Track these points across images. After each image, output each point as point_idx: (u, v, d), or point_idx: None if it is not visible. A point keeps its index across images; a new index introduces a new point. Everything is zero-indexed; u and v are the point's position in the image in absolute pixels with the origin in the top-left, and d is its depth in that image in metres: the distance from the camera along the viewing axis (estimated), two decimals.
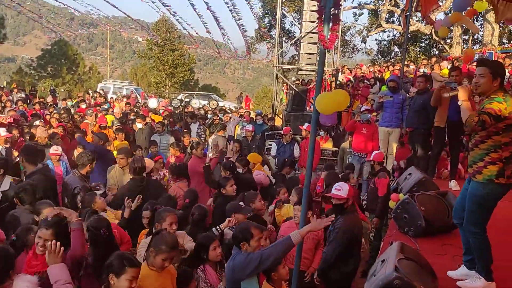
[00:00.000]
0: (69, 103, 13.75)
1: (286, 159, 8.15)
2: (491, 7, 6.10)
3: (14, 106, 12.80)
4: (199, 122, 11.31)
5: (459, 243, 3.96)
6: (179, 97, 16.77)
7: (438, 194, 4.74)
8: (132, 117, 11.26)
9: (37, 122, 8.95)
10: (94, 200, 4.55)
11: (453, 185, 6.28)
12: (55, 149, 6.53)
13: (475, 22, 26.11)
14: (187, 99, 15.73)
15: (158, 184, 6.01)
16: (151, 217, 4.19)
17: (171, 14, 21.73)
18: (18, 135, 7.88)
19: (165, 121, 10.42)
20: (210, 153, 8.42)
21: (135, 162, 5.35)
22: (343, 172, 7.97)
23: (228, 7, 19.82)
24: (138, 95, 22.60)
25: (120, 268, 2.78)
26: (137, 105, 17.34)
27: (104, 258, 3.13)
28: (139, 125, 10.03)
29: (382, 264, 2.89)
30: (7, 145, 6.78)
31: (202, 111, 14.51)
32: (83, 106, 14.23)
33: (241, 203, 4.65)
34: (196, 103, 15.82)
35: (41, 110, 12.52)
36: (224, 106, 19.01)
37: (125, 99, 17.28)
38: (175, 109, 13.36)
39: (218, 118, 11.96)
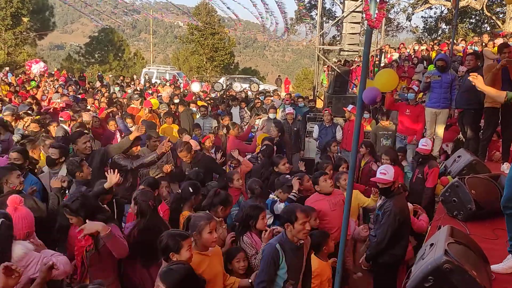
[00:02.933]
0: (116, 88, 14.20)
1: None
2: None
3: (66, 92, 13.44)
4: (240, 105, 11.38)
5: None
6: (221, 80, 16.94)
7: (490, 177, 4.56)
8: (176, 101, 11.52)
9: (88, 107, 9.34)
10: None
11: (506, 168, 6.00)
12: None
13: None
14: (229, 83, 15.85)
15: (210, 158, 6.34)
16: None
17: None
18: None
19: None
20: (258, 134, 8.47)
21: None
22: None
23: None
24: (180, 79, 22.99)
25: (176, 244, 2.94)
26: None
27: (150, 229, 3.42)
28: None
29: (431, 248, 2.84)
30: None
31: (243, 95, 14.58)
32: (129, 91, 14.66)
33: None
34: (237, 86, 15.93)
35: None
36: (265, 88, 18.99)
37: (168, 84, 17.64)
38: (217, 93, 13.51)
39: (260, 101, 11.97)
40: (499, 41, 13.10)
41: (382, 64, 15.64)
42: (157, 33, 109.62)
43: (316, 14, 15.99)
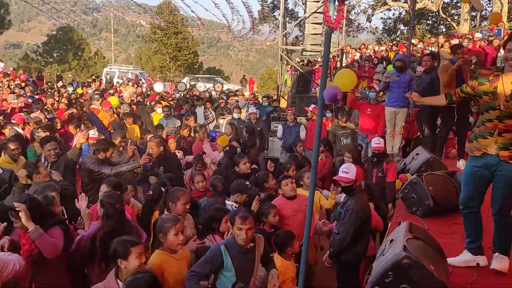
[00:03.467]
0: (69, 89, 13.68)
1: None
2: None
3: (23, 92, 12.89)
4: (205, 105, 11.29)
5: None
6: (184, 80, 16.75)
7: (446, 174, 4.74)
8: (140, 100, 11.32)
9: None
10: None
11: (461, 164, 6.24)
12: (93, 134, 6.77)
13: None
14: (192, 83, 15.70)
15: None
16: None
17: None
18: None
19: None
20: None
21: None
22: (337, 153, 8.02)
23: None
24: (143, 79, 22.56)
25: (124, 250, 2.89)
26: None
27: (116, 232, 3.31)
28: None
29: (391, 244, 2.91)
30: None
31: (207, 94, 14.48)
32: (90, 91, 14.25)
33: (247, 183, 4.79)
34: (201, 86, 15.81)
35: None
36: (229, 88, 18.94)
37: (130, 83, 17.26)
38: (181, 93, 13.36)
39: (224, 101, 11.92)
40: (455, 41, 13.66)
41: (343, 64, 15.93)
42: (119, 32, 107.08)
43: (279, 15, 16.09)
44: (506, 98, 2.90)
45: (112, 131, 7.05)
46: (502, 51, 10.61)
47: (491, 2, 22.17)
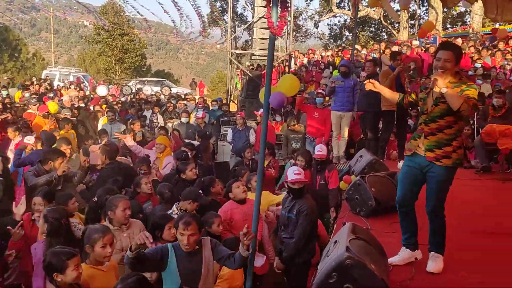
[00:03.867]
0: (4, 92, 12.81)
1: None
2: None
3: None
4: (152, 110, 11.06)
5: None
6: (130, 84, 16.30)
7: (387, 175, 4.95)
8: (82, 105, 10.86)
9: None
10: None
11: (401, 165, 6.55)
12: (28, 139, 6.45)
13: (421, 7, 27.15)
14: (139, 86, 15.34)
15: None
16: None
17: None
18: None
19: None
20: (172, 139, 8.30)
21: (109, 145, 5.28)
22: (287, 156, 8.17)
23: None
24: (86, 82, 21.70)
25: (60, 263, 2.75)
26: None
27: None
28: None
29: (335, 245, 2.99)
30: None
31: (154, 98, 14.18)
32: (27, 94, 13.47)
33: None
34: (148, 90, 15.44)
35: None
36: (178, 92, 18.67)
37: (72, 86, 16.51)
38: (127, 96, 13.00)
39: (172, 104, 11.73)
40: (395, 48, 14.33)
41: (292, 69, 16.21)
42: (60, 33, 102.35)
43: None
44: (432, 103, 3.10)
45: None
46: None
47: (427, 11, 23.47)
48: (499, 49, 14.14)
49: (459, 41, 15.59)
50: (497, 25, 18.14)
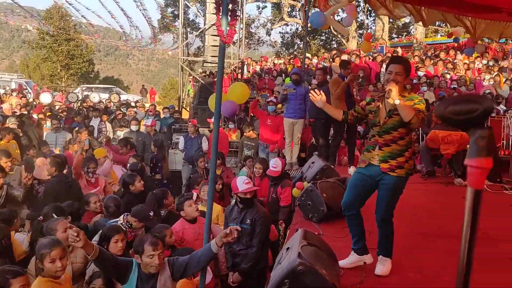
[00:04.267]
0: None
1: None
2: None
3: None
4: (100, 117, 10.68)
5: None
6: (76, 90, 15.67)
7: (337, 180, 5.05)
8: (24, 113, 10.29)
9: None
10: None
11: (352, 171, 6.73)
12: None
13: (368, 17, 28.24)
14: (86, 93, 14.79)
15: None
16: None
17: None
18: None
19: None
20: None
21: (59, 157, 5.01)
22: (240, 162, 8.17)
23: None
24: (29, 89, 20.64)
25: (4, 283, 2.60)
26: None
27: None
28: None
29: (287, 252, 2.99)
30: None
31: (102, 105, 13.71)
32: None
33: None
34: (95, 97, 14.88)
35: None
36: (127, 99, 18.19)
37: (14, 94, 15.65)
38: (74, 104, 12.48)
39: (121, 112, 11.39)
40: (344, 57, 14.77)
41: (244, 76, 16.29)
42: (1, 37, 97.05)
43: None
44: (385, 115, 3.19)
45: None
46: (384, 65, 11.77)
47: (374, 22, 24.45)
48: (441, 58, 14.97)
49: (398, 50, 16.40)
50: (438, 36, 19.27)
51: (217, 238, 3.03)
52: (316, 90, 3.55)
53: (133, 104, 14.67)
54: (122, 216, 4.21)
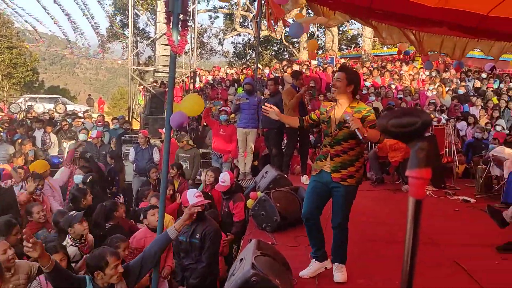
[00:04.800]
0: None
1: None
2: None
3: None
4: (44, 129, 10.19)
5: None
6: (19, 101, 14.87)
7: (290, 189, 5.11)
8: None
9: None
10: None
11: (305, 179, 6.84)
12: None
13: (319, 29, 29.05)
14: (29, 103, 14.10)
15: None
16: None
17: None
18: None
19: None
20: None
21: None
22: None
23: (76, 2, 18.25)
24: None
25: None
26: None
27: None
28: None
29: (241, 263, 2.98)
30: None
31: (46, 116, 13.09)
32: None
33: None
34: (39, 107, 14.19)
35: None
36: (74, 109, 17.49)
37: None
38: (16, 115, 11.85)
39: (67, 123, 10.92)
40: (296, 67, 15.08)
41: (197, 86, 16.19)
42: None
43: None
44: (335, 127, 3.28)
45: None
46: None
47: (324, 34, 25.16)
48: (388, 70, 15.66)
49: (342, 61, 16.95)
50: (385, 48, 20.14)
51: (177, 223, 3.01)
52: (266, 104, 3.58)
53: (80, 114, 14.13)
54: (67, 237, 4.03)
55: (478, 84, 14.47)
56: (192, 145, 8.44)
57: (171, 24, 2.81)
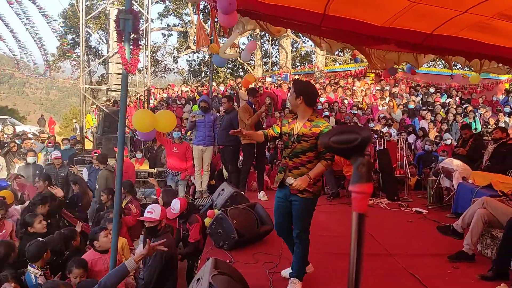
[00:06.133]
0: None
1: None
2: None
3: None
4: None
5: (269, 250, 4.37)
6: None
7: (247, 206, 5.11)
8: None
9: None
10: None
11: (262, 195, 6.88)
12: None
13: (273, 46, 29.61)
14: None
15: None
16: None
17: None
18: None
19: None
20: (15, 185, 7.39)
21: None
22: None
23: (20, 19, 17.48)
24: None
25: None
26: None
27: None
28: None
29: (198, 283, 2.94)
30: None
31: None
32: None
33: None
34: None
35: None
36: (24, 130, 16.74)
37: None
38: None
39: (16, 144, 10.42)
40: (251, 85, 15.21)
41: (151, 104, 15.97)
42: None
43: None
44: (294, 139, 3.33)
45: None
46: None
47: (278, 52, 25.64)
48: (340, 85, 16.16)
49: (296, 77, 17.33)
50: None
51: (136, 256, 2.95)
52: (234, 130, 3.62)
53: (30, 135, 13.53)
54: (29, 266, 3.82)
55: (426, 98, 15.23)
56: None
57: (122, 43, 2.79)
